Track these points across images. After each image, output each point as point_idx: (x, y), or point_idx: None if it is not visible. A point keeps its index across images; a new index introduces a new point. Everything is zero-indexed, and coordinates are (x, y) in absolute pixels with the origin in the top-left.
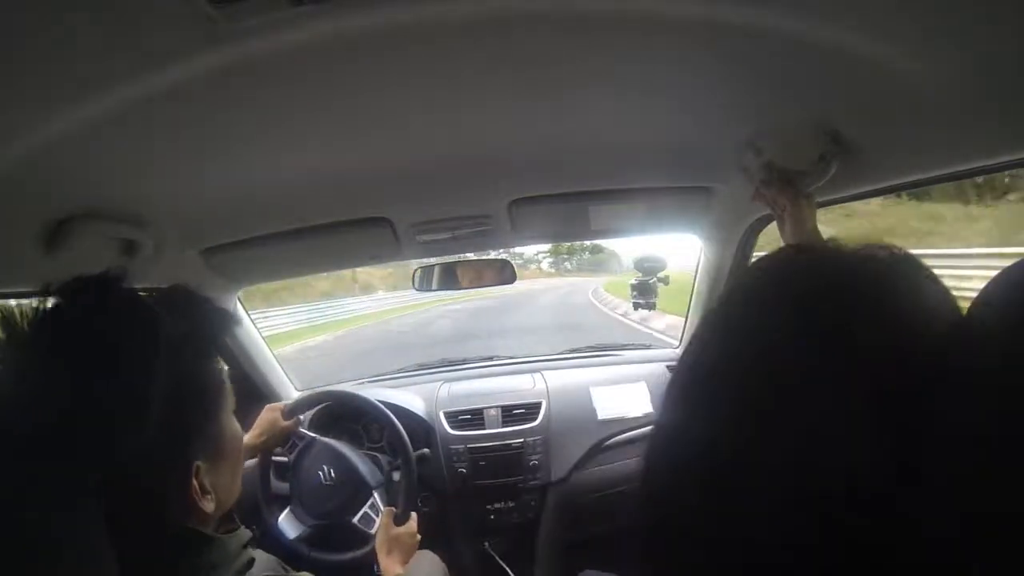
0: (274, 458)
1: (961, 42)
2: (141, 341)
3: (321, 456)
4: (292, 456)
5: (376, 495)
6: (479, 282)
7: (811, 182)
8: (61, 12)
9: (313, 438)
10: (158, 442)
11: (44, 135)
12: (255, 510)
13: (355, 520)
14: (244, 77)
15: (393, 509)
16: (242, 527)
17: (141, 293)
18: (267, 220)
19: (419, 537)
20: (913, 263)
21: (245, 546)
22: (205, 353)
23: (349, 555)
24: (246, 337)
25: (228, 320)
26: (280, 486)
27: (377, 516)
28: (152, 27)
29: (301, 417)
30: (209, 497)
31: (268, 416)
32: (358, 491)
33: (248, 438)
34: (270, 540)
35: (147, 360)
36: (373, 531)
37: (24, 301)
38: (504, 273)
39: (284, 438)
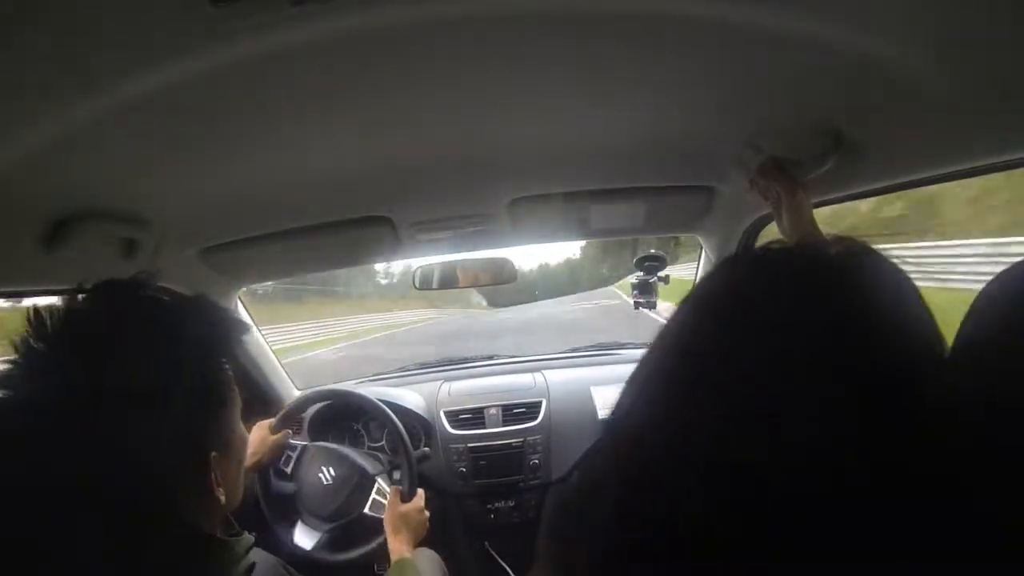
0: (274, 477)
1: (962, 42)
2: (166, 339)
3: (317, 459)
4: (290, 467)
5: (380, 480)
6: (479, 281)
7: (806, 172)
8: (60, 12)
9: (305, 445)
10: (180, 431)
11: (44, 135)
12: (266, 530)
13: (366, 511)
14: (244, 76)
15: (399, 488)
16: (245, 532)
17: (165, 296)
18: (268, 219)
19: (427, 513)
20: (880, 257)
21: (248, 550)
22: (222, 353)
23: (368, 547)
24: (248, 336)
25: (242, 326)
26: (284, 500)
27: (385, 500)
28: (152, 26)
29: (290, 431)
30: (221, 490)
31: (257, 434)
32: (361, 483)
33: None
34: (289, 557)
35: (171, 356)
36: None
37: (41, 300)
38: (504, 272)
39: (278, 452)
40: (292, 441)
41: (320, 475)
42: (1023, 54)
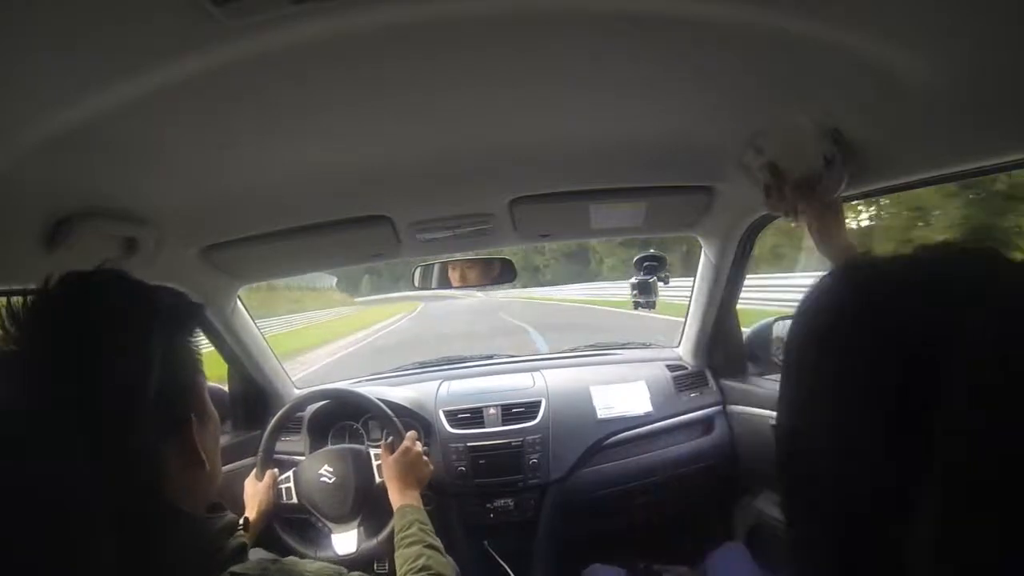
0: (284, 513)
1: (962, 42)
2: (134, 323)
3: (311, 470)
4: (293, 496)
5: (372, 450)
6: (479, 281)
7: (830, 191)
8: (61, 10)
9: (292, 470)
10: (159, 405)
11: (44, 133)
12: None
13: (378, 481)
14: (245, 75)
15: (387, 443)
16: (229, 512)
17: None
18: (268, 218)
19: (419, 447)
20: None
21: (235, 531)
22: (188, 328)
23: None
24: (247, 335)
25: (200, 307)
26: (307, 526)
27: None
28: (153, 25)
29: (276, 470)
30: (204, 457)
31: (248, 489)
32: (359, 462)
33: (248, 517)
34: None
35: (141, 338)
36: None
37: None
38: (504, 272)
39: (273, 491)
40: (280, 478)
41: (322, 480)
42: (1023, 54)
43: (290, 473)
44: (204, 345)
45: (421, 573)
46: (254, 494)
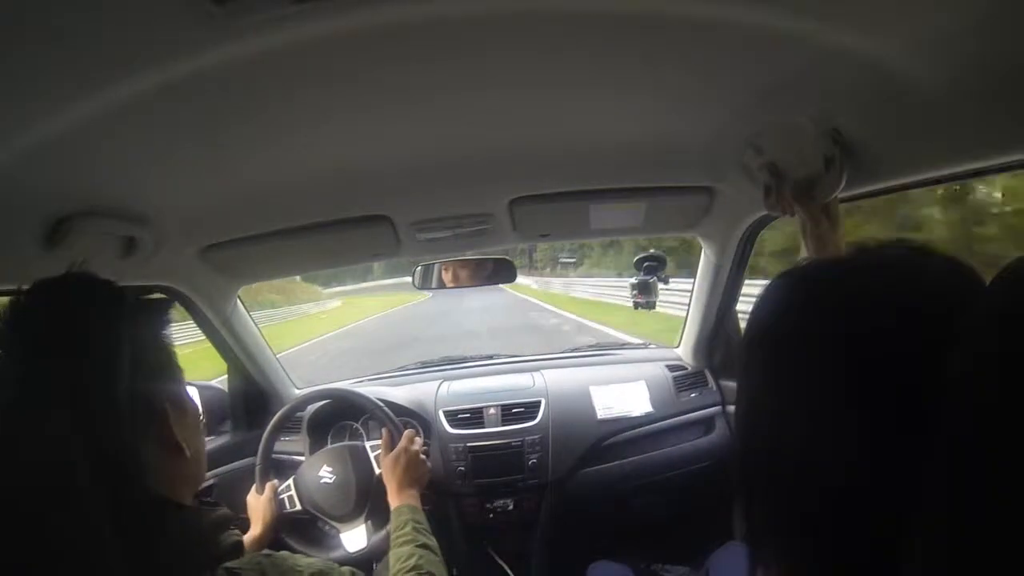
0: (291, 521)
1: (961, 42)
2: (108, 316)
3: (309, 472)
4: (297, 503)
5: (369, 445)
6: (479, 280)
7: (827, 192)
8: (61, 9)
9: (292, 478)
10: (134, 398)
11: (44, 133)
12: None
13: (379, 473)
14: (245, 74)
15: (384, 438)
16: (224, 507)
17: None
18: (268, 217)
19: (417, 447)
20: (928, 252)
21: (230, 527)
22: (160, 322)
23: None
24: (246, 335)
25: (168, 302)
26: (316, 530)
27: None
28: (153, 24)
29: (276, 481)
30: (184, 447)
31: (251, 504)
32: (356, 458)
33: (256, 532)
34: (358, 562)
35: (114, 337)
36: None
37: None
38: (504, 271)
39: (276, 501)
40: (280, 487)
41: (323, 481)
42: (1021, 54)
43: (290, 481)
44: (203, 341)
45: (412, 573)
46: (256, 507)
